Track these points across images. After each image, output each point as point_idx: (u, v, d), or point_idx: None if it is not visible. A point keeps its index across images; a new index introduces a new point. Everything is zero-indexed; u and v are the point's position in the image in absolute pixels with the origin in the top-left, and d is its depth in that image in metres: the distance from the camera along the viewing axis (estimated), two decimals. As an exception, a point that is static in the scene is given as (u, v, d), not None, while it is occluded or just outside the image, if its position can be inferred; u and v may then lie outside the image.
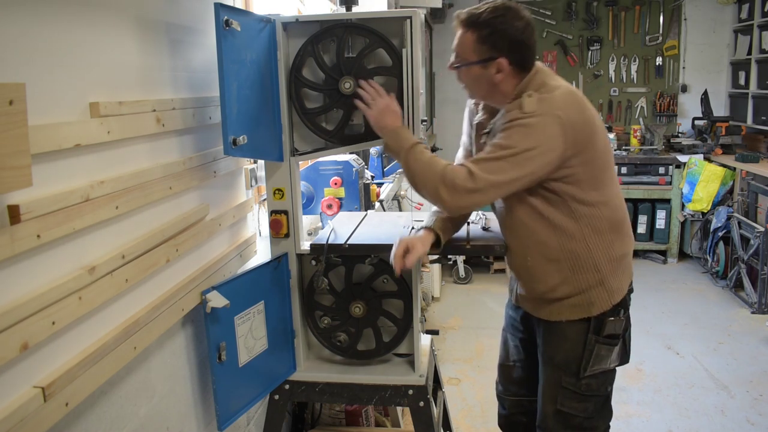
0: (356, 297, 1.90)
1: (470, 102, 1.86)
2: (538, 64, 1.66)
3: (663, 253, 5.33)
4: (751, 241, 4.20)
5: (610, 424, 1.84)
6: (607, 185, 1.66)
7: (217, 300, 1.64)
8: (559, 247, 1.66)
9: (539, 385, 1.82)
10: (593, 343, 1.69)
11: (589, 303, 1.69)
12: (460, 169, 1.55)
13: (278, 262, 1.90)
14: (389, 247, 1.79)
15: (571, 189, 1.61)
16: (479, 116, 1.80)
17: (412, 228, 1.88)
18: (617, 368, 1.79)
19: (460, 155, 1.91)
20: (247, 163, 2.13)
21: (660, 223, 5.26)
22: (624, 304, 1.73)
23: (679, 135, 5.67)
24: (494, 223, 1.92)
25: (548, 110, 1.53)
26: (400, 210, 3.51)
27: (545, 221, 1.65)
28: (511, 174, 1.53)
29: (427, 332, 2.08)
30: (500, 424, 2.11)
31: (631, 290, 1.78)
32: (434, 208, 1.87)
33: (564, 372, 1.73)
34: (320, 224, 2.44)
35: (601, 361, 1.71)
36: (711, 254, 4.83)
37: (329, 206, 2.43)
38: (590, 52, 5.92)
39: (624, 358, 1.77)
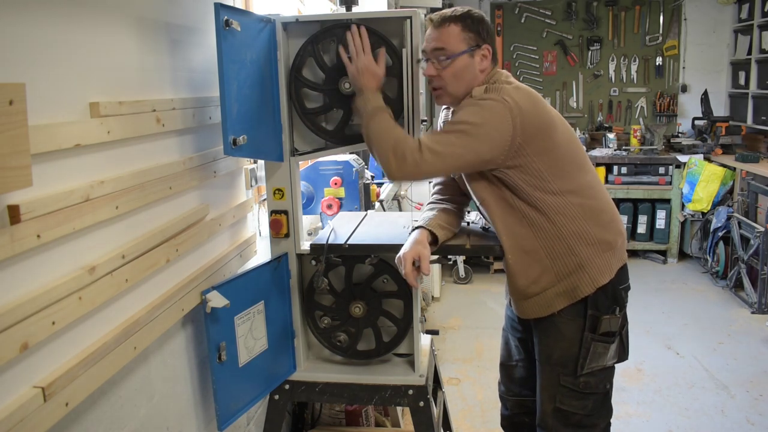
0: (356, 297, 1.90)
1: (441, 110, 1.91)
2: (498, 68, 1.74)
3: (663, 253, 5.33)
4: (751, 241, 4.20)
5: (611, 422, 1.84)
6: (574, 176, 1.70)
7: (217, 300, 1.64)
8: (533, 236, 1.69)
9: (537, 384, 1.82)
10: (589, 341, 1.70)
11: (573, 287, 1.70)
12: (412, 141, 1.61)
13: (278, 262, 1.90)
14: (389, 247, 1.79)
15: (532, 179, 1.65)
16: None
17: (412, 228, 1.88)
18: (617, 367, 1.80)
19: (435, 191, 1.98)
20: (247, 163, 2.13)
21: (660, 223, 5.26)
22: (619, 301, 1.74)
23: (679, 135, 5.67)
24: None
25: (496, 96, 1.61)
26: (400, 210, 3.51)
27: (517, 212, 1.69)
28: (457, 148, 1.58)
29: (427, 332, 2.08)
30: (503, 425, 2.11)
31: (627, 287, 1.79)
32: (428, 206, 1.90)
33: (561, 370, 1.74)
34: (320, 224, 2.44)
35: (599, 358, 1.71)
36: (711, 254, 4.83)
37: (329, 206, 2.43)
38: (590, 52, 5.92)
39: (622, 356, 1.78)
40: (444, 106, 1.89)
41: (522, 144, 1.60)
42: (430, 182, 1.99)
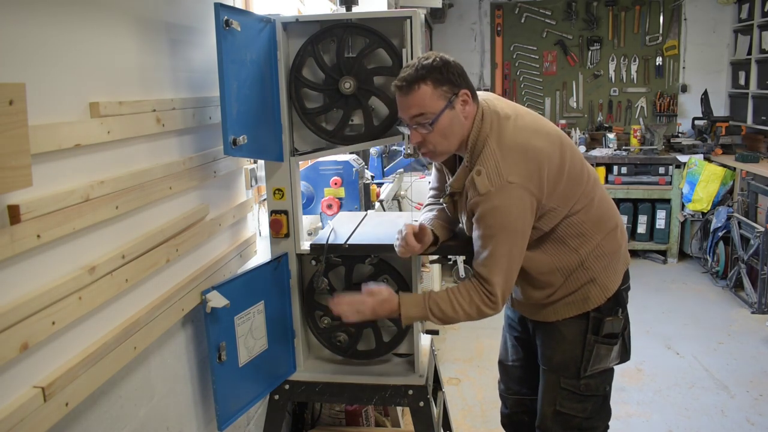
0: (356, 297, 1.90)
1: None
2: (481, 102, 1.62)
3: (663, 253, 5.33)
4: (751, 241, 4.20)
5: (609, 424, 1.84)
6: (581, 191, 1.65)
7: (217, 300, 1.64)
8: (550, 261, 1.68)
9: (539, 387, 1.82)
10: (592, 344, 1.70)
11: (584, 299, 1.70)
12: (468, 286, 1.59)
13: (278, 262, 1.90)
14: (389, 247, 1.79)
15: (553, 217, 1.62)
16: (437, 163, 1.81)
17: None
18: (617, 368, 1.80)
19: (431, 195, 1.93)
20: (247, 163, 2.13)
21: (660, 223, 5.26)
22: (621, 303, 1.74)
23: (679, 135, 5.67)
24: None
25: (500, 184, 1.52)
26: (400, 210, 3.51)
27: (532, 245, 1.65)
28: (506, 250, 1.56)
29: (427, 332, 2.08)
30: (503, 423, 2.11)
31: (627, 287, 1.79)
32: (426, 207, 1.89)
33: (562, 373, 1.74)
34: (320, 224, 2.44)
35: (602, 360, 1.71)
36: (711, 254, 4.83)
37: (329, 206, 2.43)
38: (590, 52, 5.92)
39: (624, 357, 1.78)
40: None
41: (544, 202, 1.57)
42: (429, 183, 1.99)
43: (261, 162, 2.04)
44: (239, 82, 1.63)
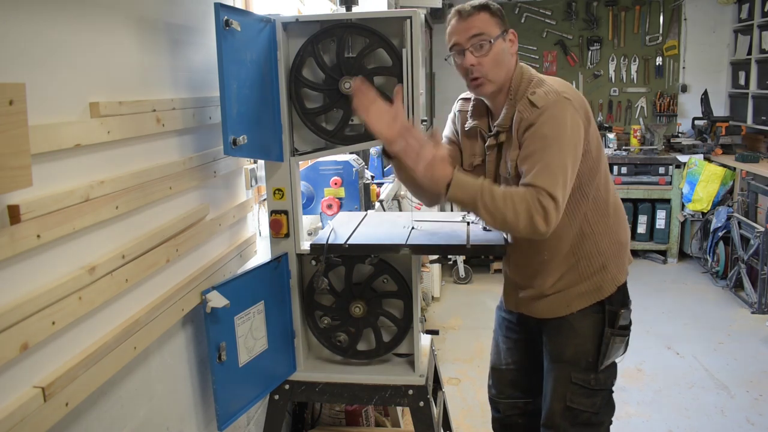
0: (356, 297, 1.90)
1: (455, 109, 1.88)
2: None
3: (663, 253, 5.33)
4: (751, 241, 4.20)
5: (612, 420, 1.85)
6: (602, 169, 1.72)
7: (217, 300, 1.64)
8: (569, 233, 1.69)
9: (546, 384, 1.82)
10: (609, 336, 1.71)
11: (597, 288, 1.71)
12: (529, 190, 1.49)
13: (278, 262, 1.90)
14: (389, 247, 1.79)
15: (584, 170, 1.64)
16: (470, 123, 1.81)
17: (412, 228, 1.88)
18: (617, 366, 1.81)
19: None
20: (247, 163, 2.13)
21: (660, 223, 5.26)
22: (628, 295, 1.78)
23: (679, 135, 5.67)
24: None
25: (557, 98, 1.58)
26: (400, 210, 3.51)
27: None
28: (566, 164, 1.52)
29: (427, 332, 2.08)
30: (494, 428, 2.09)
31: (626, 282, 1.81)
32: None
33: (573, 368, 1.74)
34: (320, 224, 2.44)
35: (615, 352, 1.74)
36: (711, 254, 4.83)
37: (329, 206, 2.43)
38: (590, 52, 5.92)
39: (625, 349, 1.80)
40: (458, 108, 1.87)
41: (587, 131, 1.62)
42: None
43: (261, 162, 2.04)
44: (239, 82, 1.63)
